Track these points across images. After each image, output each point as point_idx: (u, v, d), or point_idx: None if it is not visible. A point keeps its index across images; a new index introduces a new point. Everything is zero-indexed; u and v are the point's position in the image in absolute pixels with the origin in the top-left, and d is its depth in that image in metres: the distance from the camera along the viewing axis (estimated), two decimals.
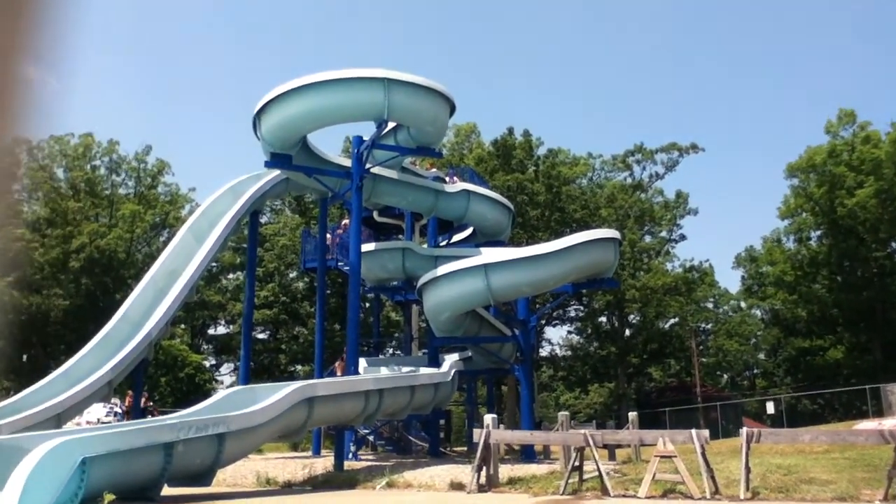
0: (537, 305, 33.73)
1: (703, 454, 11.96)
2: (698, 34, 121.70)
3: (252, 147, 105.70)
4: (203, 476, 11.95)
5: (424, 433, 24.85)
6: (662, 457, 12.18)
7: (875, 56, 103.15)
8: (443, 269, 20.59)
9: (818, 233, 51.95)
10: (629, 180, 52.05)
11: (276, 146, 20.02)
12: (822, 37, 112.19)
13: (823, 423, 41.34)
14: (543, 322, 47.60)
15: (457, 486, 13.76)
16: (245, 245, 40.54)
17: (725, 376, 65.95)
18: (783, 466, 13.10)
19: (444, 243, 26.72)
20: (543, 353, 53.37)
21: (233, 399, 14.26)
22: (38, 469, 7.88)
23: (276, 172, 24.03)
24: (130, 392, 26.88)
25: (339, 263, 25.82)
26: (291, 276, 50.23)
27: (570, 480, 12.82)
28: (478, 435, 13.83)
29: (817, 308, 50.30)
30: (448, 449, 26.55)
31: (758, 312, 60.40)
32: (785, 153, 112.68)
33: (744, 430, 12.02)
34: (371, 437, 25.42)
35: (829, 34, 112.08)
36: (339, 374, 21.96)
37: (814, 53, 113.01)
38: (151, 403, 26.74)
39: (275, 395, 13.77)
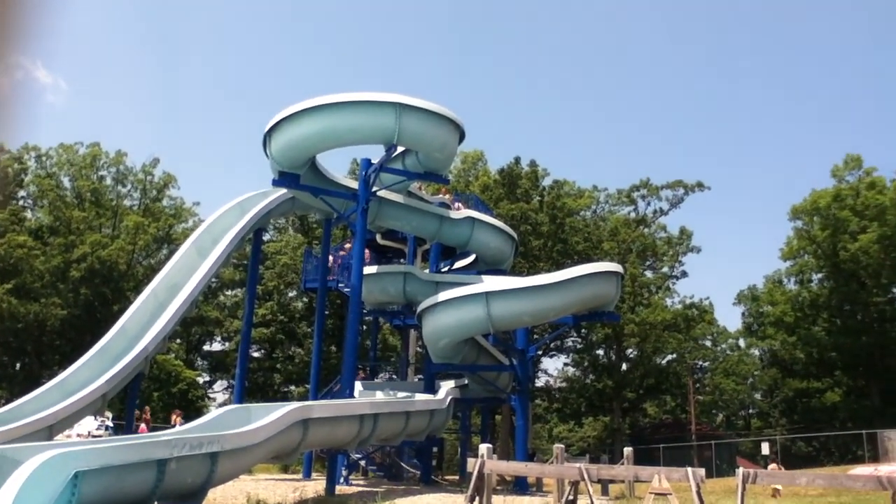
0: (536, 336, 33.62)
1: (699, 493, 11.81)
2: (709, 73, 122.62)
3: (257, 164, 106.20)
4: (194, 495, 11.77)
5: (417, 460, 24.61)
6: (657, 494, 12.06)
7: (884, 102, 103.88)
8: (444, 296, 20.53)
9: (819, 275, 52.05)
10: (633, 215, 52.04)
11: (285, 165, 19.98)
12: (832, 82, 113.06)
13: (818, 465, 41.09)
14: (540, 353, 47.41)
15: None
16: (246, 262, 40.52)
17: (721, 415, 65.60)
18: None
19: (445, 269, 26.68)
20: (539, 383, 53.14)
21: (227, 417, 14.11)
22: (29, 482, 7.76)
23: (283, 191, 23.95)
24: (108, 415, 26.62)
25: (340, 285, 25.79)
26: (290, 295, 50.13)
27: None
28: (472, 464, 13.69)
29: (816, 350, 50.18)
30: (440, 477, 26.29)
31: (756, 352, 60.22)
32: (789, 195, 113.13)
33: (740, 471, 11.91)
34: (363, 462, 25.19)
35: (839, 80, 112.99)
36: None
37: (822, 98, 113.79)
38: (182, 420, 26.13)
39: (270, 416, 13.63)
